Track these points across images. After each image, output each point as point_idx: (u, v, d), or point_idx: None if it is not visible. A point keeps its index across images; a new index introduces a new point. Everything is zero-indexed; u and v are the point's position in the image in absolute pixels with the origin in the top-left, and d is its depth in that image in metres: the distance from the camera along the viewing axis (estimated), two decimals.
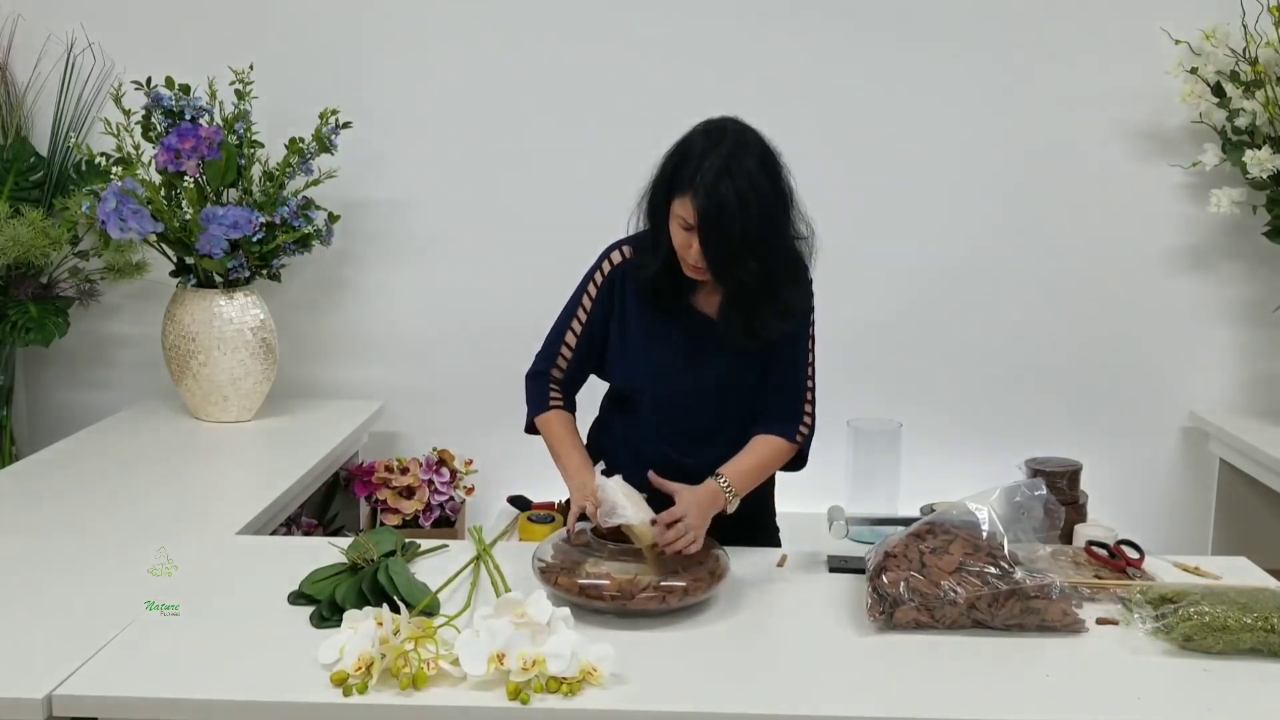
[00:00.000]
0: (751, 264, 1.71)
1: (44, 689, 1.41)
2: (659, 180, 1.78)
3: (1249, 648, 1.55)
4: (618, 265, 1.92)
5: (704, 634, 1.62)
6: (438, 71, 2.96)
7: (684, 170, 1.71)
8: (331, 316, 3.08)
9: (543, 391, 2.00)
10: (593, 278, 1.94)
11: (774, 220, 1.72)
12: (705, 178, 1.67)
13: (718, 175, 1.66)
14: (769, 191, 1.70)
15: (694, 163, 1.70)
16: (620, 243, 1.94)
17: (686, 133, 1.77)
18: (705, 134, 1.73)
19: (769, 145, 1.74)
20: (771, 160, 1.73)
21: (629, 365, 1.93)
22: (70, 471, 2.38)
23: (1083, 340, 3.04)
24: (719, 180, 1.66)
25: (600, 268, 1.94)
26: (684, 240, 1.74)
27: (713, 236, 1.69)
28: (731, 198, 1.66)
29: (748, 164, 1.68)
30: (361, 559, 1.72)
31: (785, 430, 1.88)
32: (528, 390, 2.03)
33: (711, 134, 1.72)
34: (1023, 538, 1.68)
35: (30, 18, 2.91)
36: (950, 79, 2.92)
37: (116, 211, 2.51)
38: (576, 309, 1.95)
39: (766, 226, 1.70)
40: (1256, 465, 2.75)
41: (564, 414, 1.98)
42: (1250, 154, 2.66)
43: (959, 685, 1.48)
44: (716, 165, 1.67)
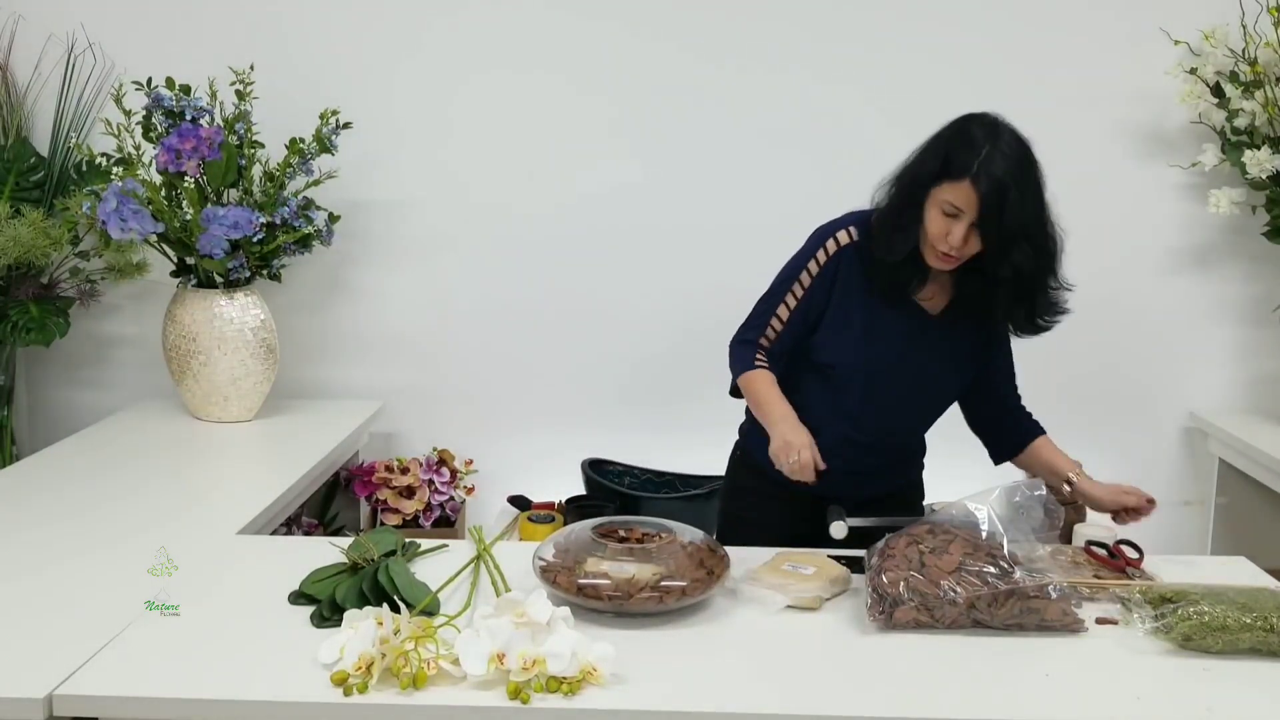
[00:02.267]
0: (1027, 249, 1.77)
1: (44, 689, 1.41)
2: (923, 167, 1.81)
3: (1248, 647, 1.55)
4: (844, 246, 1.93)
5: (704, 634, 1.62)
6: (438, 72, 2.96)
7: (958, 157, 1.75)
8: (332, 316, 3.08)
9: (749, 354, 2.00)
10: (814, 255, 1.94)
11: (1044, 207, 1.80)
12: (985, 165, 1.72)
13: (996, 162, 1.72)
14: (1038, 183, 1.79)
15: (971, 150, 1.74)
16: (844, 223, 1.94)
17: (953, 122, 1.82)
18: (979, 125, 1.78)
19: (1027, 140, 1.80)
20: (1033, 156, 1.79)
21: (843, 348, 1.94)
22: (70, 471, 2.38)
23: (1082, 340, 3.01)
24: (998, 167, 1.72)
25: (824, 246, 1.94)
26: (942, 227, 1.77)
27: (994, 221, 1.74)
28: (1012, 184, 1.72)
29: (1021, 155, 1.76)
30: (362, 559, 1.72)
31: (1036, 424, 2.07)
32: (732, 354, 2.03)
33: (985, 124, 1.77)
34: (1022, 538, 1.68)
35: (30, 18, 2.91)
36: (949, 79, 2.91)
37: (117, 212, 2.51)
38: (792, 284, 1.96)
39: (1039, 214, 1.79)
40: (1256, 465, 2.75)
41: (768, 373, 1.97)
42: (1249, 154, 2.66)
43: (959, 685, 1.48)
44: (996, 153, 1.73)
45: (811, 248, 1.95)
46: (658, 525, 1.79)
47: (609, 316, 3.04)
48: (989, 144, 1.74)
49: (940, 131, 1.82)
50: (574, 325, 3.05)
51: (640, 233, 2.99)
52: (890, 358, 1.93)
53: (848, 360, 1.94)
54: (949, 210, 1.76)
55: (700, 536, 1.77)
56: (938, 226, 1.78)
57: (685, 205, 2.99)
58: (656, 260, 3.01)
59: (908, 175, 1.84)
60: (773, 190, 2.93)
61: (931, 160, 1.79)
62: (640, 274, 3.01)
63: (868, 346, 1.92)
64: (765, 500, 2.03)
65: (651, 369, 3.06)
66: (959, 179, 1.74)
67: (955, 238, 1.77)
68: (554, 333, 3.06)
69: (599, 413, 3.08)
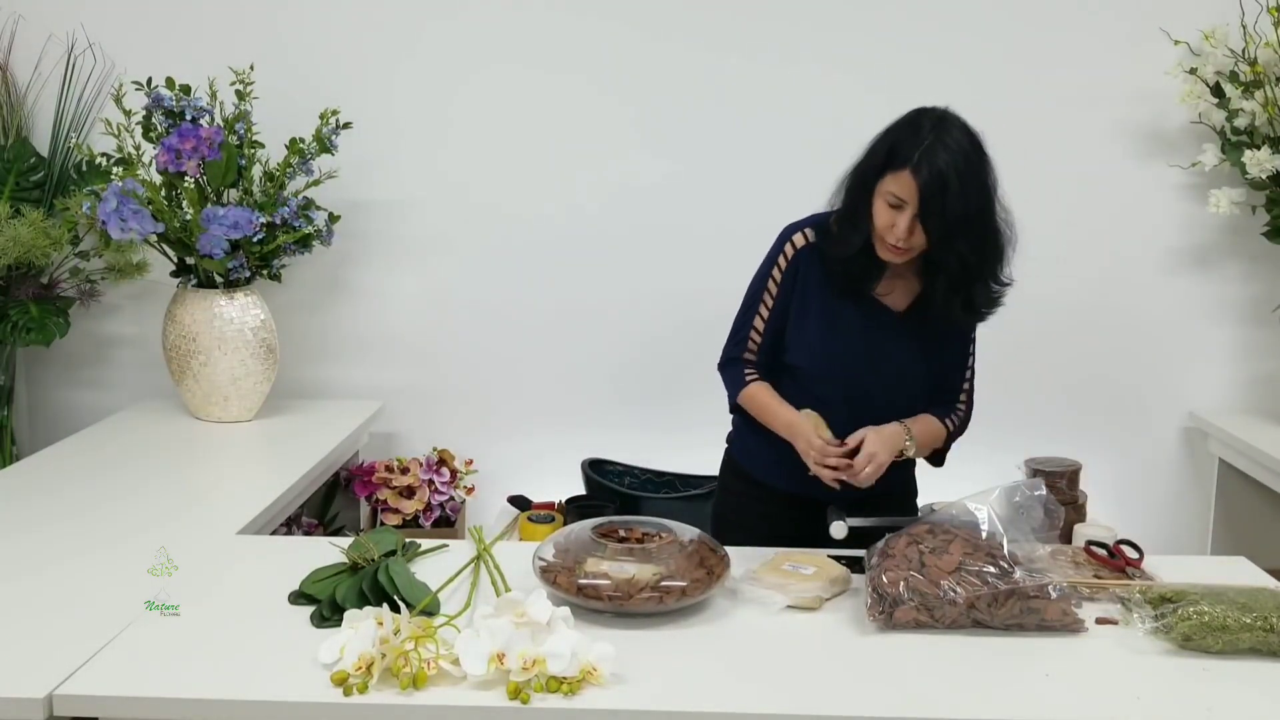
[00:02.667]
0: (970, 238, 1.77)
1: (44, 689, 1.41)
2: (870, 159, 1.82)
3: (1248, 647, 1.55)
4: (800, 248, 1.95)
5: (704, 634, 1.62)
6: (438, 72, 2.96)
7: (901, 148, 1.76)
8: (332, 316, 3.08)
9: (738, 373, 2.03)
10: (776, 262, 1.97)
11: (987, 205, 1.79)
12: (926, 154, 1.73)
13: (938, 152, 1.73)
14: (984, 172, 1.78)
15: (914, 141, 1.75)
16: (800, 225, 1.97)
17: (900, 117, 1.82)
18: (923, 117, 1.79)
19: (978, 134, 1.80)
20: (982, 147, 1.79)
21: (806, 348, 1.96)
22: (70, 471, 2.38)
23: (1083, 340, 3.04)
24: (939, 157, 1.72)
25: (783, 251, 1.96)
26: (888, 219, 1.78)
27: (934, 210, 1.74)
28: (952, 173, 1.72)
29: (965, 145, 1.76)
30: (362, 559, 1.72)
31: (940, 413, 1.97)
32: (724, 378, 2.06)
33: (926, 117, 1.79)
34: (1022, 538, 1.68)
35: (30, 18, 2.92)
36: (949, 79, 2.91)
37: (117, 212, 2.51)
38: (762, 293, 1.99)
39: (984, 205, 1.77)
40: (1256, 465, 2.75)
41: (762, 384, 2.00)
42: (1249, 154, 2.66)
43: (959, 685, 1.48)
44: (935, 143, 1.74)
45: (774, 253, 1.98)
46: (658, 525, 1.79)
47: (609, 316, 3.04)
48: (932, 135, 1.74)
49: (889, 125, 1.83)
50: (574, 325, 3.05)
51: (641, 233, 3.00)
52: (853, 355, 1.93)
53: (811, 359, 1.95)
54: (893, 201, 1.77)
55: (700, 536, 1.77)
56: (883, 218, 1.79)
57: (686, 205, 2.99)
58: (657, 260, 3.01)
59: (858, 170, 1.85)
60: (774, 191, 2.92)
61: (878, 153, 1.81)
62: (641, 274, 3.01)
63: (828, 344, 1.93)
64: (754, 503, 2.04)
65: (651, 369, 3.06)
66: (901, 169, 1.75)
67: (900, 229, 1.77)
68: (554, 333, 3.06)
69: (599, 413, 3.08)
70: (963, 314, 1.89)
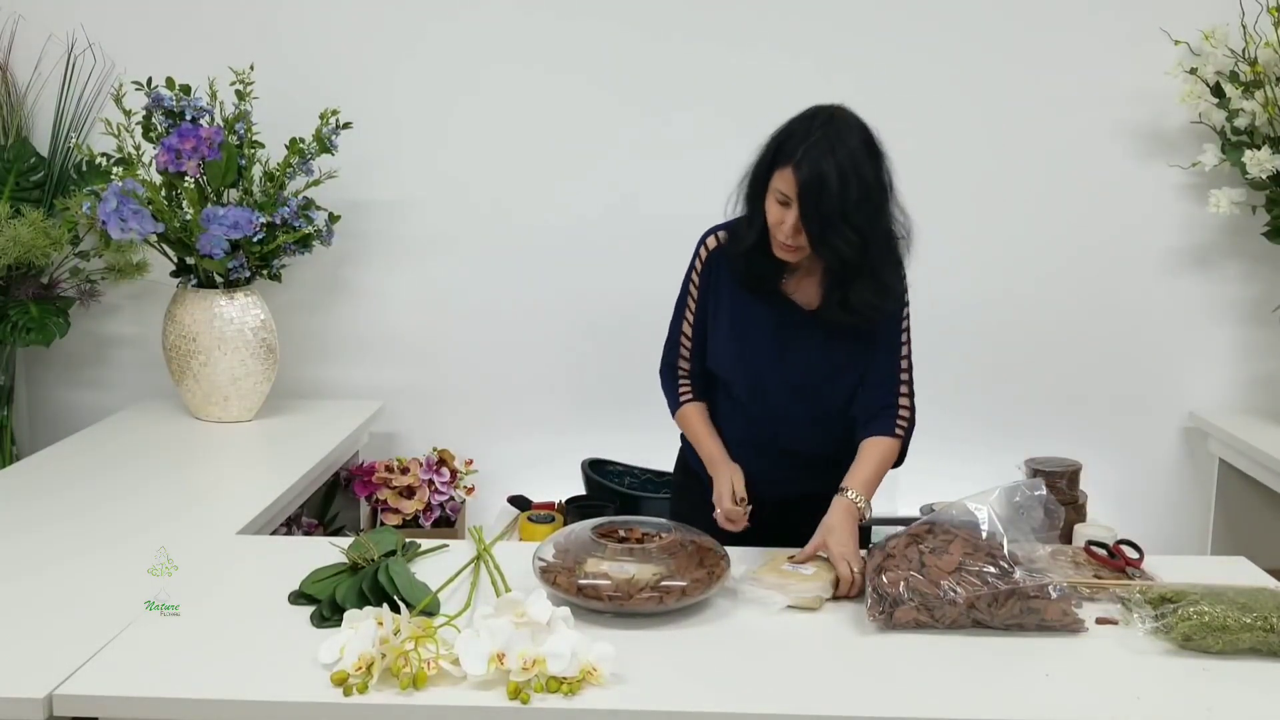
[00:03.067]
0: (851, 237, 1.74)
1: (44, 689, 1.41)
2: (762, 158, 1.83)
3: (1248, 647, 1.55)
4: (713, 250, 1.96)
5: (704, 634, 1.62)
6: (438, 72, 2.96)
7: (788, 145, 1.76)
8: (332, 316, 3.09)
9: (673, 387, 2.06)
10: (694, 265, 1.99)
11: (873, 201, 1.76)
12: (810, 151, 1.72)
13: (821, 149, 1.72)
14: (870, 173, 1.75)
15: (798, 138, 1.75)
16: (715, 228, 1.98)
17: (793, 116, 1.82)
18: (812, 115, 1.79)
19: (873, 133, 1.79)
20: (874, 146, 1.78)
21: (719, 351, 1.96)
22: (70, 471, 2.38)
23: (1083, 340, 3.04)
24: (822, 154, 1.72)
25: (699, 254, 1.99)
26: (778, 215, 1.78)
27: (812, 207, 1.73)
28: (833, 171, 1.71)
29: (851, 143, 1.74)
30: (362, 559, 1.72)
31: (884, 426, 1.92)
32: (664, 386, 2.09)
33: (818, 115, 1.78)
34: (1022, 538, 1.68)
35: (30, 18, 2.92)
36: (949, 79, 2.92)
37: (117, 212, 2.51)
38: (686, 299, 2.01)
39: (865, 205, 1.75)
40: (1256, 465, 2.75)
41: (695, 406, 2.03)
42: (1249, 154, 2.66)
43: (959, 685, 1.48)
44: (820, 140, 1.73)
45: (693, 256, 2.00)
46: (658, 525, 1.79)
47: (609, 316, 3.04)
48: (814, 132, 1.74)
49: (782, 124, 1.83)
50: (574, 325, 3.05)
51: (641, 232, 2.99)
52: (762, 353, 1.92)
53: (722, 360, 1.96)
54: (780, 199, 1.77)
55: (700, 536, 1.77)
56: (773, 215, 1.79)
57: (687, 205, 2.98)
58: (657, 260, 3.00)
59: (752, 169, 1.86)
60: None
61: (767, 150, 1.82)
62: (641, 274, 3.01)
63: (737, 343, 1.94)
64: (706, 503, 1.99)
65: (652, 369, 3.04)
66: (785, 166, 1.75)
67: (787, 226, 1.77)
68: (554, 333, 3.06)
69: (599, 413, 3.08)
70: (840, 313, 1.85)
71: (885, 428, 1.91)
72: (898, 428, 1.92)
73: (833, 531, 1.77)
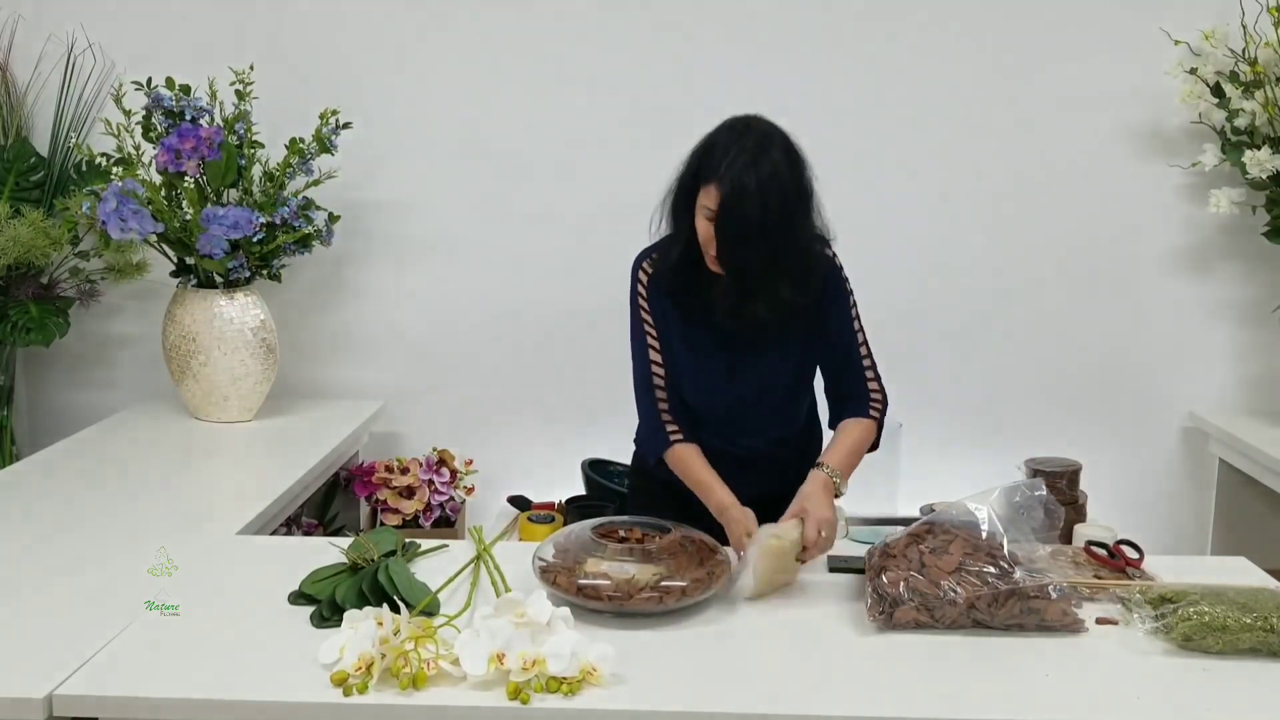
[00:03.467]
0: (762, 252, 1.73)
1: (44, 689, 1.41)
2: (685, 173, 1.82)
3: (1248, 648, 1.55)
4: (651, 275, 1.95)
5: (704, 634, 1.62)
6: (437, 72, 2.96)
7: (710, 160, 1.75)
8: (331, 316, 3.08)
9: (658, 427, 1.95)
10: (638, 294, 1.96)
11: (792, 214, 1.75)
12: (731, 167, 1.71)
13: (743, 164, 1.71)
14: (791, 185, 1.74)
15: (720, 153, 1.74)
16: (646, 253, 1.97)
17: (713, 129, 1.81)
18: (731, 128, 1.78)
19: (793, 142, 1.78)
20: (795, 156, 1.77)
21: (681, 372, 1.94)
22: (70, 471, 2.38)
23: (1082, 340, 3.04)
24: (744, 169, 1.70)
25: (639, 282, 1.96)
26: (708, 231, 1.77)
27: (731, 222, 1.72)
28: (754, 186, 1.70)
29: (773, 155, 1.73)
30: (362, 559, 1.72)
31: (858, 408, 1.92)
32: (644, 426, 2.00)
33: (737, 128, 1.77)
34: (1022, 538, 1.68)
35: (30, 18, 2.92)
36: (949, 79, 2.92)
37: (117, 212, 2.51)
38: (644, 332, 1.96)
39: (784, 219, 1.73)
40: (1256, 465, 2.75)
41: (690, 448, 1.93)
42: (1249, 154, 2.66)
43: (959, 685, 1.48)
44: (742, 155, 1.71)
45: (633, 289, 1.97)
46: (658, 525, 1.79)
47: (609, 316, 3.03)
48: (735, 146, 1.73)
49: (702, 138, 1.82)
50: (574, 325, 3.05)
51: (642, 232, 2.98)
52: (716, 370, 1.92)
53: (682, 381, 1.94)
54: (708, 215, 1.76)
55: (700, 536, 1.77)
56: (703, 230, 1.78)
57: None
58: None
59: (676, 185, 1.84)
60: None
61: (690, 165, 1.80)
62: None
63: (693, 365, 1.92)
64: (660, 501, 1.99)
65: None
66: (709, 181, 1.74)
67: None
68: (554, 333, 3.06)
69: (599, 413, 3.07)
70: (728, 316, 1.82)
71: (860, 410, 1.92)
72: (873, 409, 1.93)
73: (809, 498, 1.78)
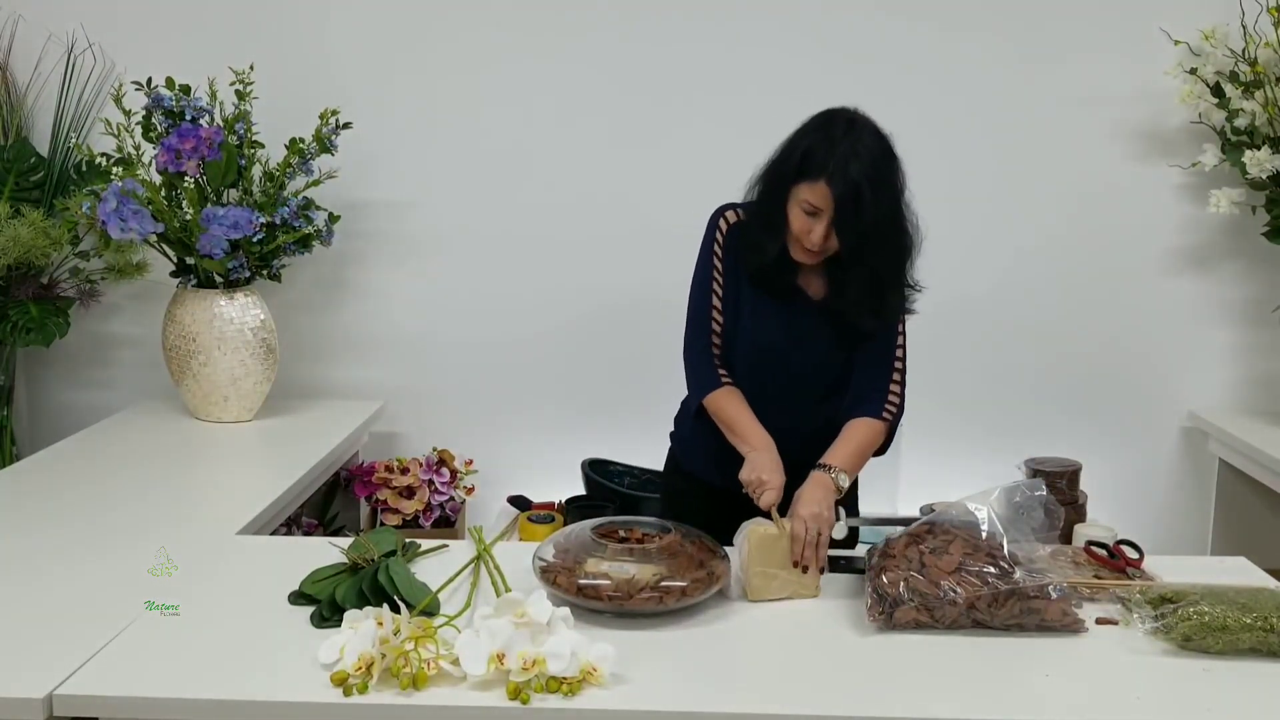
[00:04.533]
0: (884, 249, 1.78)
1: (44, 689, 1.41)
2: (783, 165, 1.81)
3: (1249, 648, 1.55)
4: (732, 225, 1.95)
5: (704, 634, 1.62)
6: (437, 72, 2.96)
7: (815, 156, 1.75)
8: (331, 316, 3.09)
9: (709, 369, 1.96)
10: (714, 241, 1.96)
11: (899, 206, 1.79)
12: (840, 164, 1.72)
13: (852, 162, 1.72)
14: (895, 179, 1.78)
15: (826, 149, 1.75)
16: (730, 206, 1.97)
17: (810, 120, 1.82)
18: (833, 122, 1.79)
19: (888, 137, 1.80)
20: (892, 149, 1.79)
21: (738, 338, 1.95)
22: (70, 471, 2.38)
23: (1082, 340, 3.04)
24: (853, 166, 1.72)
25: (718, 230, 1.96)
26: (805, 225, 1.78)
27: (849, 220, 1.74)
28: (866, 184, 1.72)
29: (876, 151, 1.75)
30: (362, 559, 1.72)
31: (872, 409, 1.92)
32: (692, 368, 2.00)
33: (839, 122, 1.78)
34: (1022, 538, 1.68)
35: (30, 18, 2.92)
36: (949, 79, 2.92)
37: (117, 212, 2.51)
38: (711, 279, 1.97)
39: (894, 213, 1.77)
40: (1256, 465, 2.75)
41: (735, 391, 1.95)
42: (1249, 154, 2.66)
43: (959, 685, 1.48)
44: (850, 152, 1.73)
45: (709, 236, 1.97)
46: (658, 525, 1.79)
47: (609, 316, 3.04)
48: (845, 143, 1.74)
49: (801, 128, 1.83)
50: (574, 325, 3.05)
51: (642, 232, 2.99)
52: (779, 346, 1.94)
53: (743, 348, 1.95)
54: (808, 209, 1.77)
55: (700, 536, 1.77)
56: (800, 224, 1.79)
57: (688, 205, 2.97)
58: (658, 260, 3.00)
59: (771, 173, 1.85)
60: None
61: (792, 159, 1.80)
62: (641, 274, 3.01)
63: (759, 335, 1.94)
64: (700, 501, 2.02)
65: (652, 369, 3.04)
66: (816, 179, 1.75)
67: (816, 235, 1.78)
68: (554, 333, 3.06)
69: (599, 413, 3.08)
70: (873, 321, 1.88)
71: (873, 410, 1.92)
72: (886, 412, 1.92)
73: (801, 494, 1.79)
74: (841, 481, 1.83)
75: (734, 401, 1.93)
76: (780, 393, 1.96)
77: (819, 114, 1.82)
